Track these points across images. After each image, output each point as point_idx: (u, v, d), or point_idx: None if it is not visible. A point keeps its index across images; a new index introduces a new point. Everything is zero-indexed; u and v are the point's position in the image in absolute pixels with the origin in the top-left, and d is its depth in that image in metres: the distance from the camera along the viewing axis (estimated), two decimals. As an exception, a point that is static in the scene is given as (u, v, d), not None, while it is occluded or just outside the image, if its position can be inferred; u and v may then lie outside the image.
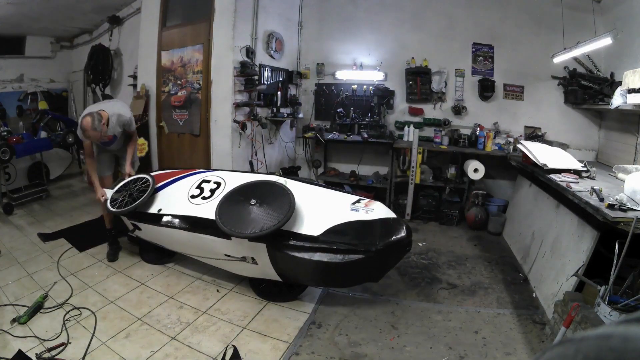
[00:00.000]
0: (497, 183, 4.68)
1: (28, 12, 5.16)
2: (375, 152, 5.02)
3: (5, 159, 3.98)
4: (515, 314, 2.57)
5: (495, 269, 3.26)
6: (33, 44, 6.47)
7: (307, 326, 2.37)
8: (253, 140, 4.26)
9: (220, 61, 3.99)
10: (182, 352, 2.09)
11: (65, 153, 5.59)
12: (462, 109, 4.70)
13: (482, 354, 2.15)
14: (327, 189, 2.67)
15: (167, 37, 4.50)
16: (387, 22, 4.86)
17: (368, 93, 4.93)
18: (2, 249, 3.23)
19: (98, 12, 5.66)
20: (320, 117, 5.22)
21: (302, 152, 5.34)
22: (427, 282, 3.00)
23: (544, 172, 3.06)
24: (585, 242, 2.30)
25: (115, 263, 3.11)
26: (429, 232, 4.10)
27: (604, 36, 3.09)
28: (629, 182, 2.35)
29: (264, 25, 4.32)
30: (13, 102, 6.35)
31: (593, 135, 4.36)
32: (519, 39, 4.48)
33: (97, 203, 3.20)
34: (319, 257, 2.22)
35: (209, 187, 2.75)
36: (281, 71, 4.76)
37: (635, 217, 1.91)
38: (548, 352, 0.37)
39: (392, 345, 2.22)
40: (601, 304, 1.90)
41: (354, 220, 2.32)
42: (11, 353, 1.94)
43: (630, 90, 2.85)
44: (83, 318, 2.33)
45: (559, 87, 4.42)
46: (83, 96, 6.81)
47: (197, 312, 2.48)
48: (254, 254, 2.41)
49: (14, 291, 2.60)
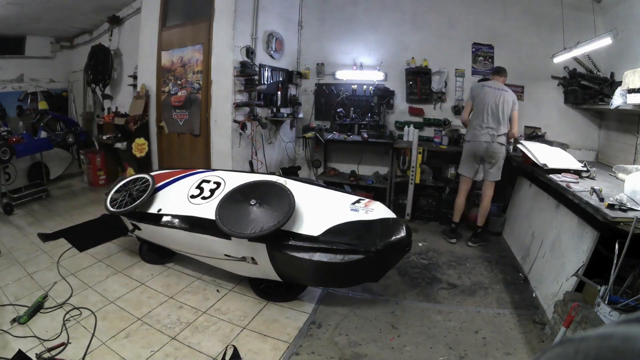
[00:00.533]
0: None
1: (28, 12, 5.17)
2: (375, 152, 5.02)
3: (5, 159, 3.98)
4: (515, 314, 2.57)
5: (495, 269, 3.26)
6: (33, 44, 6.48)
7: (307, 326, 2.37)
8: (253, 140, 4.26)
9: (220, 61, 4.00)
10: (182, 352, 2.09)
11: (65, 153, 5.59)
12: (462, 109, 4.69)
13: (482, 354, 2.15)
14: (327, 189, 2.67)
15: (167, 37, 4.50)
16: (387, 22, 4.86)
17: (368, 93, 4.93)
18: (2, 249, 3.23)
19: (98, 12, 5.66)
20: (320, 117, 5.22)
21: (302, 152, 5.34)
22: (427, 282, 3.00)
23: (544, 172, 3.06)
24: (585, 242, 2.30)
25: (115, 263, 3.10)
26: (429, 232, 4.10)
27: (604, 36, 3.09)
28: (629, 182, 2.35)
29: (264, 25, 4.32)
30: (13, 102, 6.35)
31: (593, 135, 4.36)
32: (519, 39, 4.48)
33: (97, 203, 3.15)
34: (319, 257, 2.22)
35: (208, 187, 2.75)
36: (281, 71, 4.76)
37: (635, 217, 1.91)
38: (548, 352, 0.37)
39: (392, 345, 2.22)
40: (601, 304, 1.90)
41: (354, 221, 2.32)
42: (11, 353, 1.94)
43: (630, 90, 2.85)
44: (83, 318, 2.33)
45: (559, 87, 4.42)
46: (83, 96, 6.82)
47: (197, 312, 2.48)
48: (254, 254, 2.40)
49: (14, 291, 2.60)
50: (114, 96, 5.97)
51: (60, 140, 5.11)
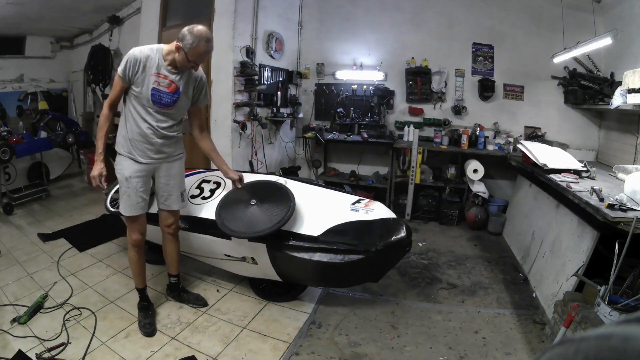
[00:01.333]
0: (497, 183, 4.68)
1: (28, 12, 5.16)
2: (375, 152, 5.02)
3: (5, 159, 3.98)
4: (515, 314, 2.57)
5: (495, 269, 3.26)
6: (33, 44, 6.46)
7: (307, 326, 2.38)
8: (253, 140, 4.26)
9: (220, 61, 3.99)
10: (182, 352, 2.09)
11: (65, 153, 5.58)
12: (462, 109, 4.70)
13: (482, 354, 2.15)
14: (327, 189, 2.67)
15: (167, 37, 4.50)
16: (387, 22, 4.86)
17: (368, 93, 4.93)
18: (2, 249, 3.23)
19: (98, 12, 5.66)
20: (320, 117, 5.22)
21: (302, 152, 5.34)
22: (427, 282, 3.00)
23: (544, 172, 3.06)
24: (585, 242, 2.30)
25: (115, 263, 3.10)
26: (429, 232, 4.10)
27: (604, 36, 3.09)
28: (629, 182, 2.35)
29: (264, 25, 4.32)
30: (13, 102, 6.34)
31: (593, 135, 4.36)
32: (519, 39, 4.48)
33: (97, 203, 3.13)
34: (319, 257, 2.22)
35: (208, 187, 2.75)
36: (281, 71, 4.76)
37: (635, 217, 1.91)
38: (548, 352, 0.37)
39: (392, 345, 2.23)
40: (601, 304, 1.90)
41: (354, 221, 2.32)
42: (11, 353, 1.94)
43: (630, 90, 2.85)
44: (83, 318, 2.33)
45: (559, 87, 4.42)
46: (83, 96, 6.81)
47: (197, 312, 2.48)
48: (254, 254, 2.40)
49: (14, 291, 2.60)
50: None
51: (60, 140, 5.11)
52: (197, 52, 1.98)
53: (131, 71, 2.00)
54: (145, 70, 2.02)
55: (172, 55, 2.04)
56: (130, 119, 2.11)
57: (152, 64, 2.04)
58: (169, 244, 2.45)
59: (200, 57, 2.04)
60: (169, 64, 2.06)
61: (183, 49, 1.98)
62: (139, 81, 2.02)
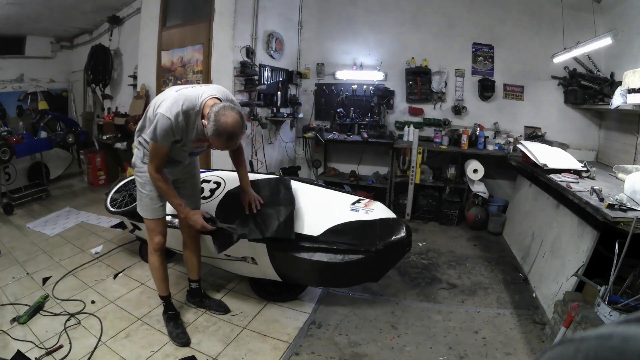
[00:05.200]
0: (497, 183, 4.68)
1: (28, 12, 5.17)
2: (375, 152, 5.02)
3: (5, 159, 3.98)
4: (515, 314, 2.57)
5: (495, 269, 3.26)
6: (33, 44, 6.47)
7: (307, 326, 2.37)
8: (253, 140, 4.26)
9: (220, 61, 3.99)
10: (182, 352, 2.09)
11: (65, 153, 5.59)
12: (462, 109, 4.70)
13: (482, 354, 2.15)
14: (327, 189, 2.67)
15: (167, 37, 4.50)
16: (387, 22, 4.86)
17: (368, 93, 4.93)
18: (2, 249, 3.23)
19: (98, 12, 5.66)
20: (320, 117, 5.22)
21: (302, 152, 5.34)
22: (427, 282, 3.00)
23: (544, 172, 3.06)
24: (585, 242, 2.30)
25: (115, 263, 3.10)
26: (429, 232, 4.10)
27: (604, 36, 3.09)
28: (629, 182, 2.34)
29: (264, 26, 4.32)
30: (13, 102, 6.35)
31: (593, 135, 4.36)
32: (519, 39, 4.48)
33: (98, 203, 3.12)
34: (319, 257, 2.22)
35: (208, 187, 2.74)
36: (281, 71, 4.76)
37: (635, 217, 1.91)
38: (548, 352, 0.37)
39: (392, 345, 2.22)
40: (601, 304, 1.90)
41: (354, 220, 2.31)
42: (11, 353, 1.94)
43: (630, 90, 2.85)
44: (83, 318, 2.33)
45: (559, 87, 4.42)
46: (83, 96, 6.82)
47: (197, 312, 2.48)
48: (254, 254, 2.40)
49: (14, 291, 2.60)
50: (114, 96, 5.97)
51: (60, 140, 5.11)
52: (215, 143, 1.83)
53: (173, 137, 1.88)
54: (188, 126, 1.89)
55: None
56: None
57: (192, 126, 1.90)
58: (189, 248, 2.43)
59: (220, 148, 1.89)
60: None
61: (205, 128, 1.81)
62: (180, 137, 1.92)
